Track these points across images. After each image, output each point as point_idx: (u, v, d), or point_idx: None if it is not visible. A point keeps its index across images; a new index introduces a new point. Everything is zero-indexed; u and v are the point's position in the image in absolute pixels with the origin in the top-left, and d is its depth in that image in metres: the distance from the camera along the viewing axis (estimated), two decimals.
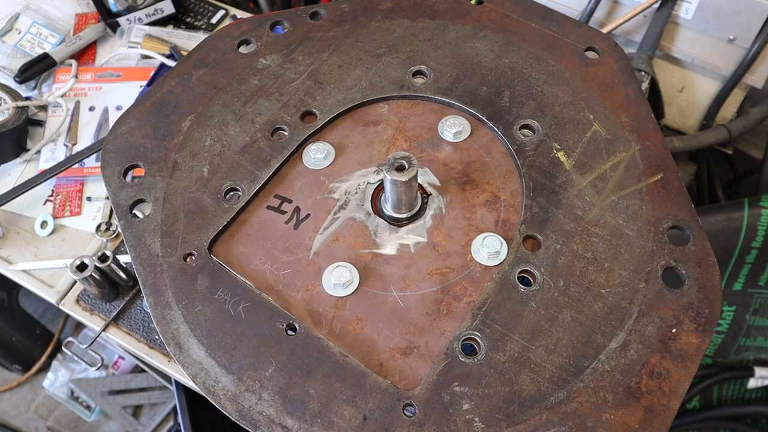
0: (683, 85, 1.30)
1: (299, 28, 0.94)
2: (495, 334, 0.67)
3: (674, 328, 0.68)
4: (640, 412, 0.63)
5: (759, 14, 1.11)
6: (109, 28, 1.25)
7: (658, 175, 0.78)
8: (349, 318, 0.71)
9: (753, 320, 1.34)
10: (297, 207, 0.79)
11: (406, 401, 0.64)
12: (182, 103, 0.86)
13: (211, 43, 0.93)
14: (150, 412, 1.90)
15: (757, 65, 1.19)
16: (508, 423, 0.62)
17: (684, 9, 1.17)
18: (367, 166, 0.82)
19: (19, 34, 1.21)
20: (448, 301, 0.72)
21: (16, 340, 1.88)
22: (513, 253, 0.73)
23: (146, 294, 0.72)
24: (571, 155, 0.81)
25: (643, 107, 0.85)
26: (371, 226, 0.77)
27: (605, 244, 0.73)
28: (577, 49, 0.91)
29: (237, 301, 0.71)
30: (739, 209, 1.23)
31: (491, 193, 0.79)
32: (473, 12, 0.96)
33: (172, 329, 0.70)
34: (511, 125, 0.83)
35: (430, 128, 0.85)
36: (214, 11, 1.30)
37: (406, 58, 0.91)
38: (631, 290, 0.70)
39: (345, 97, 0.87)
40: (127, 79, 1.19)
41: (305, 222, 0.78)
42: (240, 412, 0.64)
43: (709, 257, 0.72)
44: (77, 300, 0.93)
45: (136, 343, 0.89)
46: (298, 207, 0.79)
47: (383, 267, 0.74)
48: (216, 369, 0.67)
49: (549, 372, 0.65)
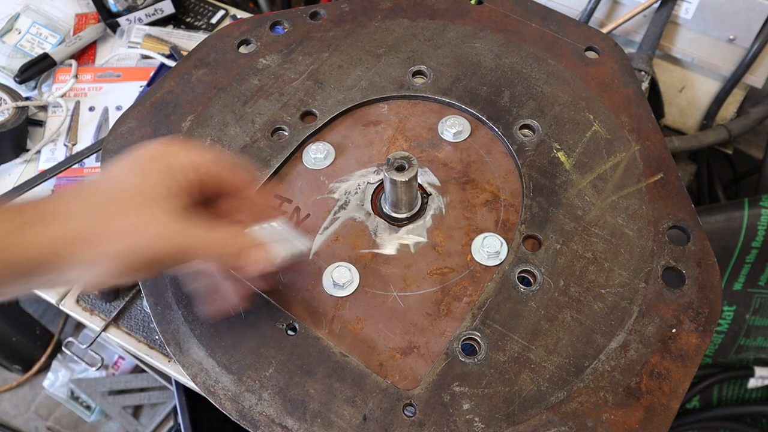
0: (683, 85, 1.30)
1: (299, 28, 0.94)
2: (495, 334, 0.67)
3: (674, 328, 0.68)
4: (640, 412, 0.63)
5: (759, 14, 1.11)
6: (109, 28, 1.25)
7: (658, 175, 0.78)
8: (349, 318, 0.71)
9: (753, 320, 1.34)
10: (297, 207, 0.79)
11: (406, 401, 0.64)
12: (182, 103, 0.86)
13: (211, 43, 0.93)
14: (150, 412, 1.90)
15: (757, 65, 1.19)
16: (508, 423, 0.62)
17: (684, 9, 1.17)
18: (367, 166, 0.82)
19: (19, 34, 1.21)
20: (448, 301, 0.72)
21: (16, 340, 1.88)
22: (513, 253, 0.73)
23: (146, 294, 0.72)
24: (571, 155, 0.81)
25: (643, 107, 0.85)
26: (371, 226, 0.77)
27: (605, 244, 0.73)
28: (577, 49, 0.91)
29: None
30: (739, 209, 1.23)
31: (491, 193, 0.79)
32: (473, 12, 0.96)
33: (172, 329, 0.70)
34: (511, 125, 0.83)
35: (430, 128, 0.85)
36: (214, 11, 1.30)
37: (406, 58, 0.91)
38: (631, 290, 0.70)
39: (345, 97, 0.87)
40: (127, 79, 1.19)
41: (305, 222, 0.78)
42: (240, 412, 0.64)
43: (709, 257, 0.72)
44: (77, 300, 0.93)
45: (136, 343, 0.89)
46: (298, 207, 0.79)
47: (383, 267, 0.74)
48: (216, 369, 0.67)
49: (549, 372, 0.65)
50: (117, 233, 0.53)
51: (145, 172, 0.56)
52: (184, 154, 0.59)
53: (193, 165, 0.59)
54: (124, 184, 0.56)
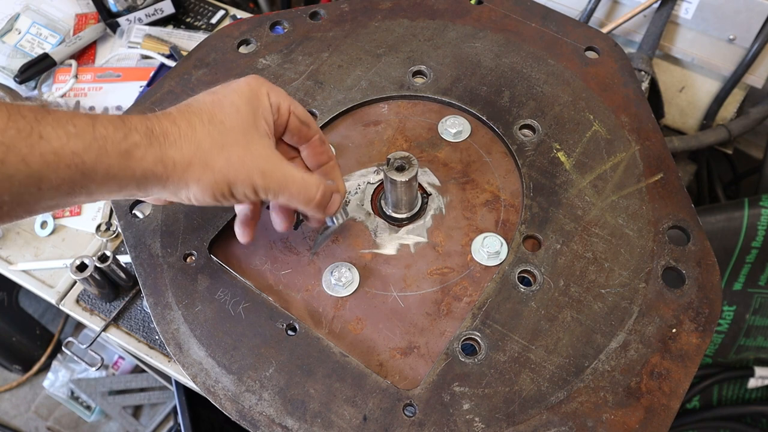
0: (683, 85, 1.30)
1: (299, 28, 0.94)
2: (495, 334, 0.67)
3: (674, 328, 0.68)
4: (640, 412, 0.63)
5: (759, 14, 1.11)
6: (109, 28, 1.25)
7: (658, 175, 0.78)
8: (349, 318, 0.71)
9: (753, 320, 1.34)
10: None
11: (406, 401, 0.64)
12: None
13: (211, 43, 0.93)
14: (150, 412, 1.90)
15: (757, 65, 1.19)
16: (508, 423, 0.62)
17: (684, 9, 1.17)
18: (367, 166, 0.82)
19: (19, 35, 1.21)
20: (448, 301, 0.72)
21: (16, 340, 1.88)
22: (513, 253, 0.73)
23: (146, 294, 0.72)
24: (571, 155, 0.81)
25: (643, 107, 0.85)
26: (371, 226, 0.77)
27: (605, 244, 0.73)
28: (577, 49, 0.91)
29: (237, 301, 0.71)
30: (739, 209, 1.23)
31: (491, 193, 0.79)
32: (473, 12, 0.96)
33: (172, 329, 0.70)
34: (511, 125, 0.83)
35: (429, 128, 0.85)
36: (214, 11, 1.30)
37: (406, 58, 0.91)
38: (631, 290, 0.70)
39: (345, 97, 0.87)
40: (127, 79, 1.19)
41: (305, 222, 0.78)
42: (240, 412, 0.64)
43: (709, 257, 0.72)
44: (77, 300, 0.93)
45: (136, 343, 0.89)
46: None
47: (383, 267, 0.74)
48: (216, 369, 0.67)
49: (549, 372, 0.65)
50: (227, 163, 0.58)
51: (252, 108, 0.61)
52: (281, 97, 0.65)
53: (285, 107, 0.65)
54: (234, 116, 0.60)
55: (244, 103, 0.61)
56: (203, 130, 0.58)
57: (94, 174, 0.52)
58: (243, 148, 0.59)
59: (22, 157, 0.48)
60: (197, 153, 0.57)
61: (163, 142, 0.55)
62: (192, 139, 0.57)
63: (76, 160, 0.50)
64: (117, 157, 0.53)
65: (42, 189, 0.50)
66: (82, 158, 0.51)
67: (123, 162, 0.53)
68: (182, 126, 0.57)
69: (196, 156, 0.57)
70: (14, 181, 0.48)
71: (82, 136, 0.50)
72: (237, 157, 0.59)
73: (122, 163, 0.53)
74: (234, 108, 0.60)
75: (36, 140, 0.48)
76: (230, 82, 0.64)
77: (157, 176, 0.56)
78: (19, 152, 0.47)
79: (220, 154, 0.58)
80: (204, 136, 0.57)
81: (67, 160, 0.50)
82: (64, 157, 0.50)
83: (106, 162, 0.52)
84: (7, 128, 0.47)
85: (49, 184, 0.50)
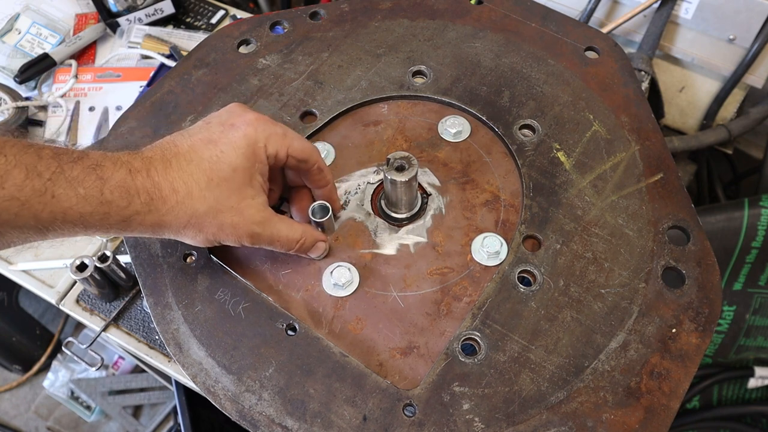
0: (683, 85, 1.30)
1: (299, 28, 0.94)
2: (495, 334, 0.67)
3: (674, 328, 0.68)
4: (640, 412, 0.63)
5: (759, 14, 1.11)
6: (109, 28, 1.25)
7: (658, 175, 0.78)
8: (349, 318, 0.71)
9: (753, 320, 1.34)
10: None
11: (406, 401, 0.64)
12: (182, 103, 0.86)
13: (211, 43, 0.93)
14: (150, 412, 1.90)
15: (757, 65, 1.19)
16: (508, 423, 0.62)
17: (684, 9, 1.17)
18: (367, 166, 0.82)
19: (19, 35, 1.21)
20: (448, 301, 0.72)
21: (16, 340, 1.89)
22: (513, 253, 0.73)
23: (146, 294, 0.72)
24: (571, 155, 0.81)
25: (643, 107, 0.85)
26: (371, 226, 0.77)
27: (605, 244, 0.73)
28: (577, 49, 0.91)
29: (237, 301, 0.71)
30: (739, 209, 1.23)
31: (491, 193, 0.79)
32: (473, 12, 0.96)
33: (172, 329, 0.70)
34: (511, 125, 0.83)
35: (429, 128, 0.85)
36: (214, 11, 1.30)
37: (405, 58, 0.91)
38: (631, 290, 0.70)
39: (345, 97, 0.87)
40: (127, 79, 1.19)
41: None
42: (240, 412, 0.64)
43: (709, 257, 0.72)
44: (77, 300, 0.93)
45: (136, 343, 0.89)
46: None
47: (383, 267, 0.74)
48: (216, 369, 0.67)
49: (549, 372, 0.65)
50: (220, 228, 0.64)
51: (249, 163, 0.64)
52: (279, 143, 0.67)
53: (283, 153, 0.68)
54: (231, 178, 0.63)
55: (242, 161, 0.64)
56: (200, 195, 0.62)
57: (95, 230, 0.58)
58: (236, 213, 0.64)
59: (35, 214, 0.53)
60: (192, 219, 0.62)
61: (161, 208, 0.60)
62: (189, 207, 0.61)
63: (82, 220, 0.56)
64: (118, 222, 0.58)
65: (47, 237, 0.57)
66: (87, 220, 0.56)
67: (123, 225, 0.59)
68: (180, 191, 0.61)
69: (191, 221, 0.62)
70: (24, 230, 0.54)
71: (90, 201, 0.56)
72: (229, 223, 0.64)
73: (122, 225, 0.59)
74: (231, 168, 0.63)
75: (49, 199, 0.54)
76: (231, 125, 0.65)
77: (152, 233, 0.62)
78: (32, 208, 0.53)
79: (214, 220, 0.63)
80: (200, 203, 0.62)
81: (73, 220, 0.56)
82: (71, 217, 0.55)
83: (107, 224, 0.58)
84: (24, 186, 0.52)
85: (54, 234, 0.56)
